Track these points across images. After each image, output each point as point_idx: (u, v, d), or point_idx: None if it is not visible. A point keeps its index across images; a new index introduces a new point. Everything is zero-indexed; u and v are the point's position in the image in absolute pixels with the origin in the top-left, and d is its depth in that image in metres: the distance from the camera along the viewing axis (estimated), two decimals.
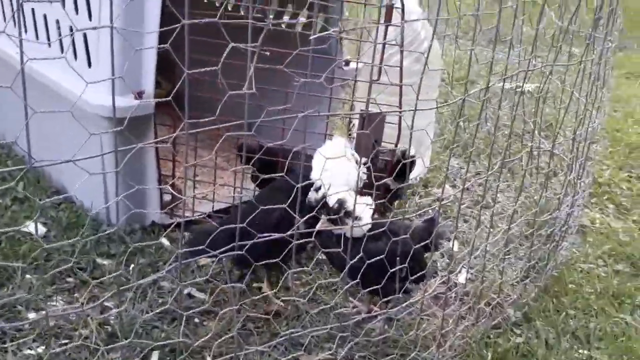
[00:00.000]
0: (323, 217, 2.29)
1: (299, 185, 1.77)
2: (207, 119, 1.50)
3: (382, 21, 2.75)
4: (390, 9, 2.66)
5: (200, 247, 1.88)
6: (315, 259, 2.69)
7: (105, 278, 2.58)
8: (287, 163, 2.17)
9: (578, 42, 2.90)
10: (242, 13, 3.89)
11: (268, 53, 1.63)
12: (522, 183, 2.94)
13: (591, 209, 3.88)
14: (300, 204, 1.82)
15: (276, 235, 1.80)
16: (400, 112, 2.72)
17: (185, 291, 2.64)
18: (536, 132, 3.74)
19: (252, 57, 1.50)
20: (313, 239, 2.23)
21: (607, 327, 2.70)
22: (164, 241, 2.94)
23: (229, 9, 3.95)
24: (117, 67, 2.72)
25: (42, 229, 2.96)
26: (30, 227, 2.89)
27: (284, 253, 2.00)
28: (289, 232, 1.83)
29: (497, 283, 2.71)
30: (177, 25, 1.37)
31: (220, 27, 1.42)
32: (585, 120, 2.92)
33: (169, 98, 1.58)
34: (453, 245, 3.06)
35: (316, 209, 2.27)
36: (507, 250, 2.88)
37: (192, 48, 1.46)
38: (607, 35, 2.90)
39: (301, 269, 2.80)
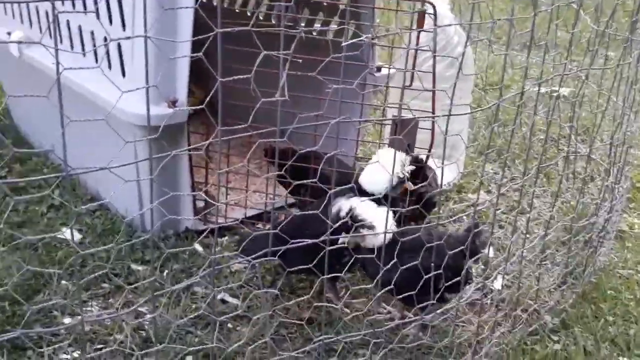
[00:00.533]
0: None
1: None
2: (240, 127, 1.51)
3: (414, 27, 2.74)
4: (422, 14, 2.64)
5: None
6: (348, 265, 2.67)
7: (139, 283, 2.60)
8: (319, 169, 2.16)
9: (614, 46, 2.86)
10: (273, 22, 3.91)
11: (300, 60, 1.63)
12: (558, 188, 2.89)
13: (629, 214, 3.80)
14: None
15: (308, 241, 1.81)
16: (433, 117, 2.70)
17: (219, 296, 2.65)
18: (572, 136, 3.69)
19: (284, 65, 1.50)
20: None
21: None
22: (198, 247, 2.96)
23: (261, 17, 3.97)
24: (151, 76, 2.77)
25: (77, 236, 3.01)
26: (66, 233, 2.93)
27: (326, 260, 1.99)
28: (321, 239, 1.82)
29: (534, 289, 2.67)
30: (210, 34, 1.38)
31: (252, 35, 1.42)
32: (622, 124, 2.86)
33: (203, 106, 1.59)
34: (489, 251, 3.01)
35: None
36: (544, 256, 2.84)
37: (225, 57, 1.47)
38: None
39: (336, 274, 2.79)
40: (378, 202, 2.31)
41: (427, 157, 2.84)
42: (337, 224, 2.22)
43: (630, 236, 3.54)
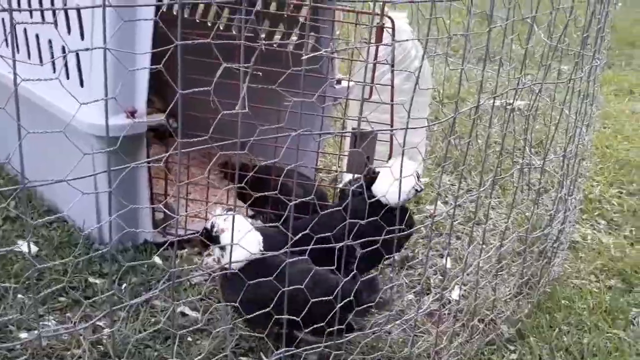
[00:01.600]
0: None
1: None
2: (199, 139, 1.51)
3: (372, 41, 2.78)
4: (380, 28, 2.68)
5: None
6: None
7: (97, 297, 2.57)
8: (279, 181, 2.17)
9: (567, 60, 2.93)
10: (234, 32, 3.92)
11: (260, 73, 1.65)
12: (513, 199, 2.95)
13: (582, 225, 3.90)
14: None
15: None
16: (392, 130, 2.74)
17: (179, 309, 2.63)
18: (527, 149, 3.77)
19: (244, 77, 1.51)
20: None
21: (600, 343, 2.70)
22: (157, 260, 2.93)
23: (221, 28, 3.98)
24: (110, 87, 2.75)
25: (34, 248, 2.96)
26: (22, 246, 2.89)
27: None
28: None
29: (491, 300, 2.72)
30: (170, 47, 1.38)
31: (212, 47, 1.43)
32: (575, 137, 2.94)
33: (162, 118, 1.59)
34: (446, 262, 3.06)
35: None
36: (500, 267, 2.89)
37: (185, 67, 1.48)
38: (596, 53, 2.93)
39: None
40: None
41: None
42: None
43: (583, 247, 3.63)
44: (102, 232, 3.03)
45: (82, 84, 2.86)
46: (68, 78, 2.91)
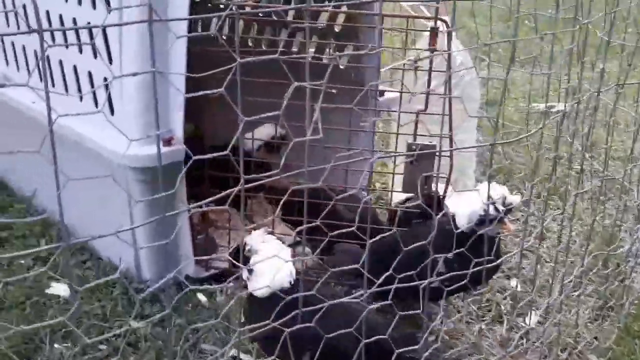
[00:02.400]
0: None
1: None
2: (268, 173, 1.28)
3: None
4: (434, 33, 2.43)
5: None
6: None
7: (141, 343, 2.35)
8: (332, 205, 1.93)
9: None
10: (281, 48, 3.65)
11: (335, 91, 1.42)
12: (573, 210, 2.69)
13: None
14: None
15: None
16: (454, 149, 2.49)
17: (230, 354, 2.39)
18: (586, 154, 3.50)
19: (313, 98, 1.27)
20: None
21: None
22: (201, 297, 2.70)
23: (250, 44, 3.75)
24: (142, 113, 2.55)
25: (68, 290, 2.74)
26: (55, 289, 2.68)
27: None
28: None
29: (572, 325, 2.45)
30: (231, 65, 1.15)
31: (281, 64, 1.20)
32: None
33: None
34: (517, 285, 2.78)
35: None
36: (575, 289, 2.63)
37: (230, 90, 1.23)
38: None
39: None
40: None
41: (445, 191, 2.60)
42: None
43: None
44: (140, 269, 2.80)
45: (112, 112, 2.65)
46: (97, 106, 2.72)
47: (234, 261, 2.02)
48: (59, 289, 2.71)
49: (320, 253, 2.64)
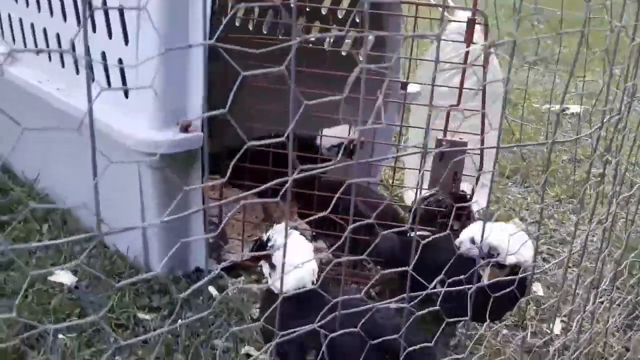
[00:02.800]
0: None
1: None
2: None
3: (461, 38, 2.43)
4: (472, 24, 2.31)
5: None
6: None
7: (150, 336, 2.24)
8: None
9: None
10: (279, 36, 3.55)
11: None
12: (592, 212, 2.57)
13: None
14: None
15: None
16: (485, 147, 2.39)
17: (242, 351, 2.29)
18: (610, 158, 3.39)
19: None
20: None
21: None
22: (212, 290, 2.59)
23: (264, 32, 3.63)
24: (159, 96, 2.43)
25: (72, 278, 2.62)
26: (59, 276, 2.56)
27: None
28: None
29: (602, 334, 2.35)
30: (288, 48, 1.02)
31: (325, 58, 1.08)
32: None
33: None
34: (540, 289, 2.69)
35: None
36: (599, 295, 2.52)
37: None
38: None
39: None
40: None
41: (473, 191, 2.50)
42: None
43: None
44: (148, 259, 2.69)
45: (126, 95, 2.53)
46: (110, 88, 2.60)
47: (259, 255, 1.90)
48: (63, 276, 2.59)
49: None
